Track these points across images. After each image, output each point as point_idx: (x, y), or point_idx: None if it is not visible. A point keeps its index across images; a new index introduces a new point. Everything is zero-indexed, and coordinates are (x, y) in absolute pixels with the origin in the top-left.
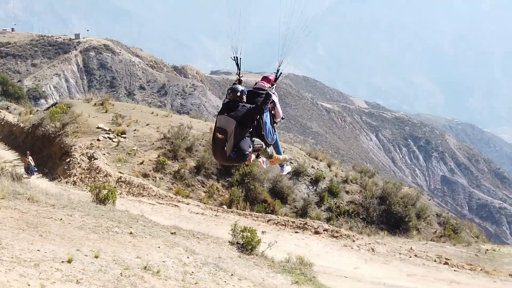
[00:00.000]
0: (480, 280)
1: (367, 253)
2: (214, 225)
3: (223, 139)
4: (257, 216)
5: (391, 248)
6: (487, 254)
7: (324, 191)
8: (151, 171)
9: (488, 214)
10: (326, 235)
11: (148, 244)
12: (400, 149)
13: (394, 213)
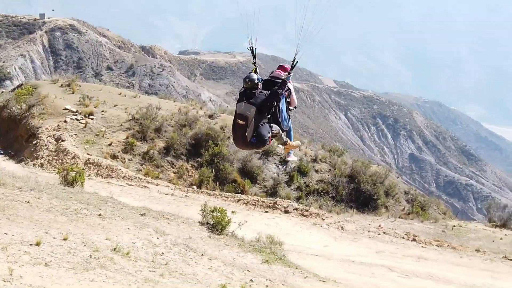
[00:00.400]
0: (447, 255)
1: (336, 231)
2: (184, 206)
3: (244, 125)
4: (227, 196)
5: (360, 226)
6: (454, 230)
7: (293, 170)
8: (120, 152)
9: (455, 190)
10: (296, 214)
11: (118, 225)
12: (369, 128)
13: (363, 191)
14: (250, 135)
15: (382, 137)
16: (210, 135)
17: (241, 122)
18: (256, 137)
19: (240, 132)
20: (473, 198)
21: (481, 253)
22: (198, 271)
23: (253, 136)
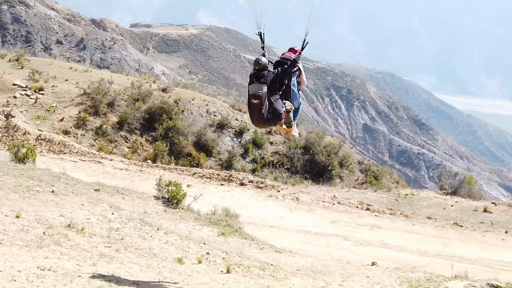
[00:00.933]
0: (400, 223)
1: (291, 202)
2: (139, 180)
3: (258, 104)
4: (182, 170)
5: (315, 197)
6: (406, 198)
7: (248, 142)
8: (72, 127)
9: (408, 160)
10: (252, 186)
11: (71, 202)
12: (323, 99)
13: (317, 162)
14: (266, 112)
15: (336, 108)
16: (164, 109)
17: (255, 102)
18: (272, 112)
19: (257, 111)
20: (425, 167)
21: (433, 220)
22: (154, 245)
23: (269, 112)
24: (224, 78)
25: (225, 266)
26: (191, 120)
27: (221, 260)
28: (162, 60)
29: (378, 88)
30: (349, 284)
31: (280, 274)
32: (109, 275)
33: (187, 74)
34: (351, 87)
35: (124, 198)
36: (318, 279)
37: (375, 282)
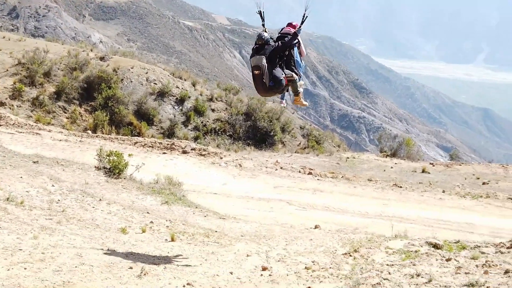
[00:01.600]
0: (341, 186)
1: (235, 169)
2: (79, 151)
3: (260, 74)
4: (123, 140)
5: (258, 163)
6: (347, 161)
7: (190, 110)
8: (7, 99)
9: (349, 123)
10: (194, 154)
11: (9, 174)
12: None
13: (259, 128)
14: (268, 80)
15: None
16: (102, 78)
17: (256, 72)
18: (272, 80)
19: (259, 81)
20: (366, 130)
21: (373, 182)
22: (97, 216)
23: (270, 80)
24: (164, 45)
25: (169, 235)
26: (131, 88)
27: (165, 228)
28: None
29: (318, 53)
30: (293, 248)
31: (224, 240)
32: (51, 247)
33: (126, 42)
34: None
35: (65, 170)
36: (262, 243)
37: (318, 244)
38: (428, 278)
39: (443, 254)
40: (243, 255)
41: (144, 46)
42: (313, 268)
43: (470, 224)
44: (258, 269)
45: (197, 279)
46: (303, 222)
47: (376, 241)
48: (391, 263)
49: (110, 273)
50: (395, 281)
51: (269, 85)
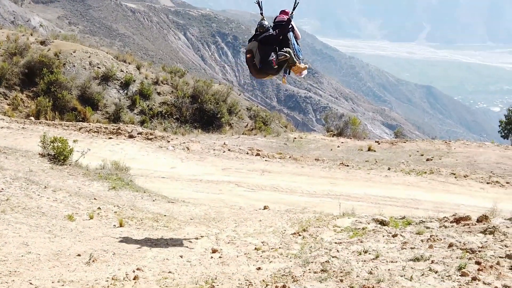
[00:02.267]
0: (289, 167)
1: (182, 152)
2: (22, 138)
3: (250, 57)
4: (67, 125)
5: (206, 145)
6: (295, 142)
7: (135, 94)
8: None
9: (296, 104)
10: (141, 138)
11: None
12: (209, 47)
13: (206, 110)
14: (258, 62)
15: (223, 55)
16: (44, 63)
17: (248, 56)
18: (262, 63)
19: (250, 63)
20: (313, 110)
21: (321, 162)
22: (42, 204)
23: (260, 62)
24: (107, 28)
25: (117, 220)
26: (74, 73)
27: (113, 214)
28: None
29: None
30: (242, 229)
31: (173, 224)
32: None
33: (67, 26)
34: (237, 34)
35: (7, 157)
36: (212, 226)
37: (267, 225)
38: (375, 254)
39: (390, 230)
40: (193, 238)
41: (86, 30)
42: (263, 249)
43: (415, 200)
44: (208, 252)
45: (147, 264)
46: (252, 203)
47: (324, 220)
48: (339, 241)
49: (57, 261)
50: (343, 258)
51: (259, 67)
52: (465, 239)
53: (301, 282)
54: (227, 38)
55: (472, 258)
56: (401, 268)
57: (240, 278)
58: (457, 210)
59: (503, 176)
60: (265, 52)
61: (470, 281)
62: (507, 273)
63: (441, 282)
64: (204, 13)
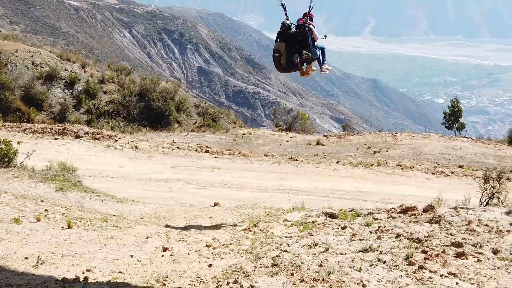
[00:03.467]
0: (239, 163)
1: (131, 151)
2: None
3: (278, 56)
4: (11, 127)
5: (154, 143)
6: (244, 138)
7: (81, 93)
8: None
9: (244, 99)
10: (88, 138)
11: None
12: (155, 44)
13: (154, 108)
14: (284, 62)
15: (169, 52)
16: None
17: (276, 55)
18: (287, 62)
19: (278, 61)
20: (261, 105)
21: (270, 157)
22: None
23: (287, 62)
24: (49, 27)
25: (65, 222)
26: (16, 73)
27: (61, 216)
28: None
29: (209, 30)
30: (193, 227)
31: (123, 223)
32: None
33: (8, 25)
34: (183, 30)
35: None
36: (162, 224)
37: (217, 222)
38: (325, 247)
39: (339, 223)
40: (143, 237)
41: (28, 29)
42: (214, 245)
43: (363, 192)
44: (159, 250)
45: (96, 265)
46: (203, 200)
47: (274, 214)
48: (290, 235)
49: (4, 265)
50: (294, 252)
51: (285, 65)
52: (412, 229)
53: (252, 277)
54: (173, 35)
55: (418, 248)
56: (351, 260)
57: (192, 275)
58: (404, 201)
59: (447, 166)
60: (290, 53)
61: (417, 269)
62: (453, 261)
63: (389, 272)
64: (149, 10)
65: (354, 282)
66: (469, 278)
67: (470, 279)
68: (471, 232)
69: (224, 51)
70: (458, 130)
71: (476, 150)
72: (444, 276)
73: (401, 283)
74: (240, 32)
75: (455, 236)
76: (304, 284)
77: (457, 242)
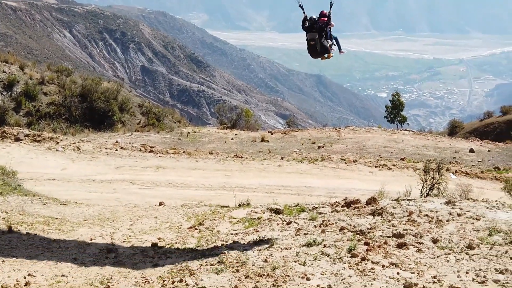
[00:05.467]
0: (184, 162)
1: (73, 152)
2: None
3: (314, 44)
4: None
5: (97, 145)
6: (189, 136)
7: (20, 95)
8: None
9: (189, 98)
10: (28, 141)
11: None
12: (97, 44)
13: (97, 109)
14: (319, 48)
15: (112, 52)
16: None
17: (312, 43)
18: (321, 48)
19: (313, 48)
20: (206, 103)
21: (215, 155)
22: None
23: (321, 48)
24: None
25: (6, 226)
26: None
27: (1, 220)
28: None
29: (152, 29)
30: (138, 227)
31: (66, 226)
32: None
33: None
34: (125, 29)
35: None
36: (107, 226)
37: (163, 221)
38: (270, 243)
39: (284, 218)
40: (87, 239)
41: None
42: (159, 245)
43: (308, 187)
44: (103, 252)
45: (38, 269)
46: (148, 200)
47: (220, 212)
48: (235, 232)
49: None
50: (240, 249)
51: (319, 51)
52: (355, 222)
53: (198, 275)
54: (115, 34)
55: (361, 240)
56: (295, 254)
57: (137, 276)
58: (348, 195)
59: (390, 159)
60: (321, 41)
61: (360, 261)
62: (394, 251)
63: (332, 265)
64: (90, 9)
65: (298, 276)
66: (409, 267)
67: (410, 269)
68: (412, 223)
69: (168, 50)
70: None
71: (417, 142)
72: (385, 267)
73: (344, 275)
74: (183, 31)
75: (397, 227)
76: (249, 280)
77: (399, 233)
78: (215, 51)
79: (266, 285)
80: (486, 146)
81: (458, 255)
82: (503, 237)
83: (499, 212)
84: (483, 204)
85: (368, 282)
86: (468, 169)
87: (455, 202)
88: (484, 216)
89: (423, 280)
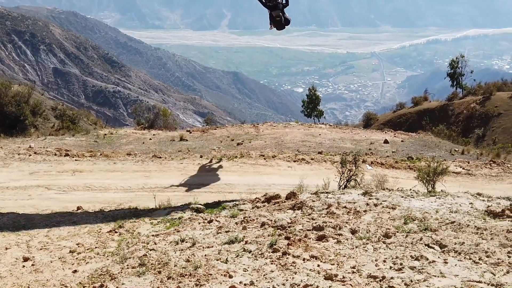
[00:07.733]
0: (101, 164)
1: None
2: None
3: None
4: None
5: (10, 150)
6: (105, 138)
7: None
8: None
9: (105, 99)
10: None
11: None
12: (5, 46)
13: (7, 113)
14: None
15: (21, 54)
16: None
17: (278, 19)
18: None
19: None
20: (123, 104)
21: (133, 156)
22: None
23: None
24: None
25: None
26: None
27: None
28: None
29: (63, 29)
30: (56, 233)
31: None
32: None
33: None
34: (34, 31)
35: None
36: (22, 234)
37: (82, 226)
38: (192, 242)
39: (205, 216)
40: (2, 248)
41: None
42: (78, 251)
43: (229, 184)
44: (20, 261)
45: None
46: (65, 205)
47: (140, 214)
48: (156, 233)
49: None
50: (161, 250)
51: (284, 24)
52: (276, 217)
53: (119, 279)
54: (24, 36)
55: (282, 234)
56: (217, 252)
57: (56, 283)
58: (269, 190)
59: (308, 153)
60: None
61: (281, 256)
62: (314, 244)
63: (254, 261)
64: None
65: (220, 274)
66: (329, 259)
67: (330, 260)
68: (331, 215)
69: (80, 51)
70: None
71: (334, 135)
72: (306, 260)
73: (266, 270)
74: (95, 30)
75: (316, 220)
76: (172, 281)
77: (318, 225)
78: (130, 51)
79: (188, 285)
80: (399, 136)
81: (376, 244)
82: (418, 225)
83: (413, 200)
84: (398, 194)
85: (289, 276)
86: (383, 160)
87: (371, 192)
88: (399, 205)
89: (343, 270)
